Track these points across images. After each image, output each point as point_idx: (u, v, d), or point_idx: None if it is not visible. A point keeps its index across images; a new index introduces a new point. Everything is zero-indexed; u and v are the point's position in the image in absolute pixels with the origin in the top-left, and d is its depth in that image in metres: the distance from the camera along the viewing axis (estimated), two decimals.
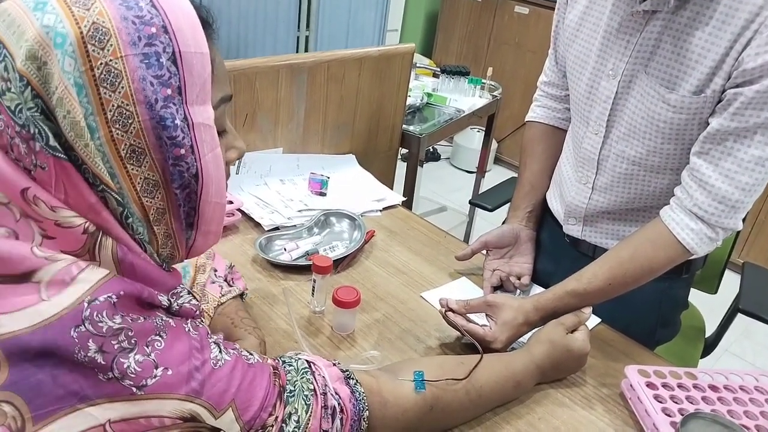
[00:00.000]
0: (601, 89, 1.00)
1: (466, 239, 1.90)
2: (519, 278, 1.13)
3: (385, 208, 1.38)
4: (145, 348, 0.51)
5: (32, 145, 0.48)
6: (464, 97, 2.16)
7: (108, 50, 0.48)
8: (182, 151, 0.53)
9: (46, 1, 0.49)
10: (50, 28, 0.47)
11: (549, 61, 1.19)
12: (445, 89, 2.19)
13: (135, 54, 0.49)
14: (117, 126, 0.50)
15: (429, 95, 2.09)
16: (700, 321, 1.55)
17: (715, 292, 1.55)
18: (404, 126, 1.80)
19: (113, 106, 0.49)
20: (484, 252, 1.18)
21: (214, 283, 0.89)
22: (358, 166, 1.55)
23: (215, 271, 0.91)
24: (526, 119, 1.26)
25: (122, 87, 0.49)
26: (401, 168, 1.89)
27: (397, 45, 1.60)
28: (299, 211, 1.29)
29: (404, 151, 1.93)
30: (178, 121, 0.52)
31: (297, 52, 3.32)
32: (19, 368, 0.47)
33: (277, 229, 1.23)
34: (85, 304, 0.48)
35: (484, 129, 2.51)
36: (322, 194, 1.38)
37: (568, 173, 1.13)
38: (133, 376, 0.49)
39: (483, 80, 2.27)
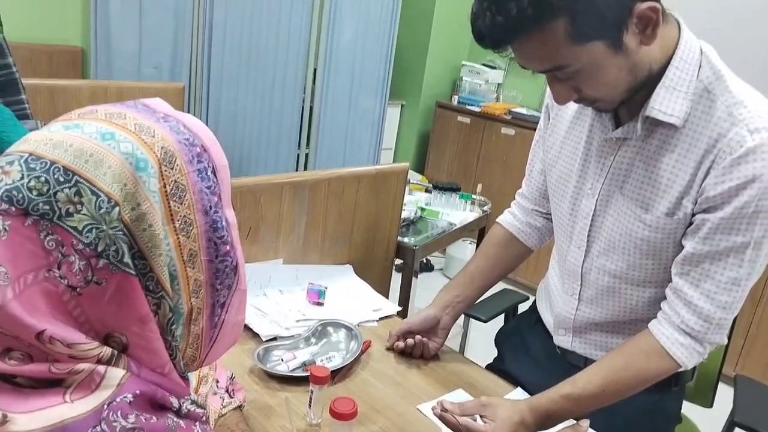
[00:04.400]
0: (581, 206, 1.08)
1: (462, 350, 1.90)
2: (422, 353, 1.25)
3: (381, 318, 1.41)
4: None
5: (94, 263, 0.52)
6: (456, 212, 2.26)
7: (176, 169, 0.57)
8: (228, 248, 0.62)
9: (112, 132, 0.55)
10: (130, 155, 0.54)
11: (525, 177, 1.30)
12: (437, 204, 2.30)
13: (193, 170, 0.58)
14: (183, 233, 0.58)
15: (422, 209, 2.18)
16: None
17: (711, 406, 1.54)
18: (399, 238, 1.87)
19: (180, 215, 0.57)
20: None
21: (215, 394, 0.90)
22: (355, 276, 1.59)
23: (217, 382, 0.93)
24: (496, 220, 1.36)
25: (187, 199, 0.58)
26: (396, 279, 1.93)
27: (393, 164, 1.71)
28: (297, 321, 1.32)
29: (399, 261, 1.99)
30: (224, 222, 0.61)
31: (297, 168, 3.49)
32: None
33: (275, 339, 1.25)
34: (105, 407, 0.51)
35: (475, 241, 2.60)
36: (320, 304, 1.41)
37: (556, 285, 1.19)
38: None
39: (473, 196, 2.39)
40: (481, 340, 1.24)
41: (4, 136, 1.54)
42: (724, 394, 1.54)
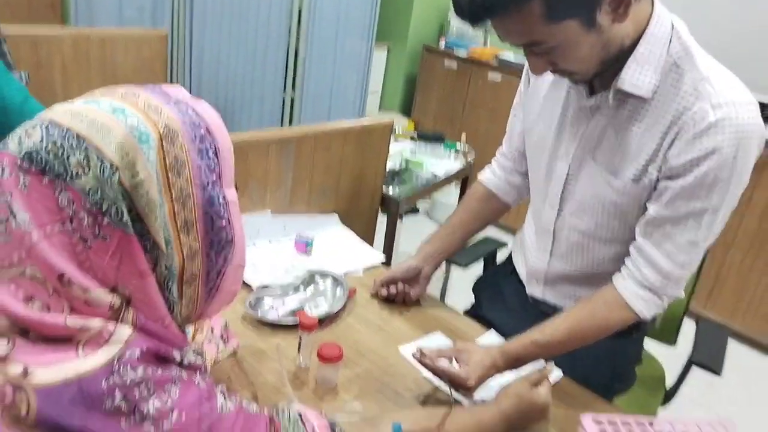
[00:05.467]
0: (556, 169, 1.14)
1: (442, 295, 2.00)
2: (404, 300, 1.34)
3: (366, 268, 1.48)
4: (163, 395, 0.59)
5: (100, 219, 0.58)
6: (440, 161, 2.31)
7: (176, 145, 0.62)
8: (223, 223, 0.67)
9: (123, 108, 0.61)
10: (135, 128, 0.60)
11: (506, 137, 1.35)
12: (422, 153, 2.34)
13: (194, 149, 0.64)
14: (178, 203, 0.63)
15: (407, 161, 2.23)
16: (659, 371, 1.66)
17: (674, 344, 1.67)
18: (384, 189, 1.93)
19: (177, 187, 0.62)
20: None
21: (211, 342, 0.98)
22: (341, 225, 1.66)
23: (212, 330, 1.00)
24: (477, 177, 1.42)
25: (185, 173, 0.63)
26: (382, 221, 2.00)
27: (378, 119, 1.75)
28: (286, 270, 1.39)
29: None
30: (220, 199, 0.66)
31: (283, 112, 3.49)
32: (52, 415, 0.55)
33: (265, 288, 1.33)
34: (116, 361, 0.58)
35: (460, 184, 2.66)
36: (308, 254, 1.48)
37: (531, 240, 1.26)
38: (152, 420, 0.58)
39: (457, 144, 2.44)
40: (461, 287, 1.32)
41: None
42: (692, 332, 1.65)
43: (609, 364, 1.22)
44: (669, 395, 1.59)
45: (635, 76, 0.97)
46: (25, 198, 0.57)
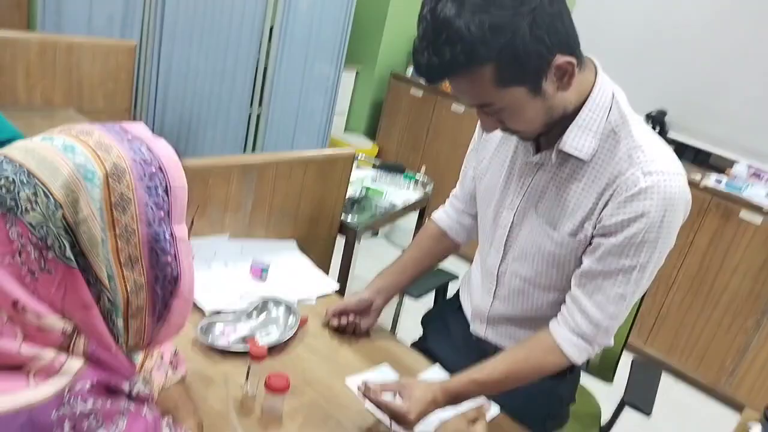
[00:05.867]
0: (502, 217, 1.22)
1: (394, 326, 2.04)
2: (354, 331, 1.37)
3: (320, 296, 1.51)
4: (110, 427, 0.61)
5: (45, 254, 0.61)
6: (399, 190, 2.38)
7: (123, 183, 0.64)
8: (168, 258, 0.69)
9: (73, 146, 0.63)
10: (81, 166, 0.62)
11: (459, 180, 1.42)
12: (382, 181, 2.41)
13: (142, 186, 0.66)
14: (122, 239, 0.65)
15: (368, 189, 2.28)
16: (595, 408, 1.74)
17: (611, 382, 1.75)
18: (343, 216, 1.97)
19: (122, 224, 0.64)
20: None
21: (159, 368, 0.99)
22: (298, 251, 1.69)
23: (161, 356, 1.02)
24: (431, 215, 1.48)
25: (130, 210, 0.65)
26: (340, 243, 2.02)
27: (340, 150, 1.79)
28: (240, 296, 1.41)
29: None
30: (167, 236, 0.68)
31: (248, 128, 3.50)
32: None
33: (218, 313, 1.35)
34: (66, 392, 0.60)
35: (418, 211, 2.72)
36: (263, 280, 1.51)
37: (477, 281, 1.33)
38: None
39: (417, 176, 2.51)
40: (414, 317, 1.37)
41: None
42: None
43: (543, 403, 1.29)
44: None
45: (576, 140, 1.05)
46: None
